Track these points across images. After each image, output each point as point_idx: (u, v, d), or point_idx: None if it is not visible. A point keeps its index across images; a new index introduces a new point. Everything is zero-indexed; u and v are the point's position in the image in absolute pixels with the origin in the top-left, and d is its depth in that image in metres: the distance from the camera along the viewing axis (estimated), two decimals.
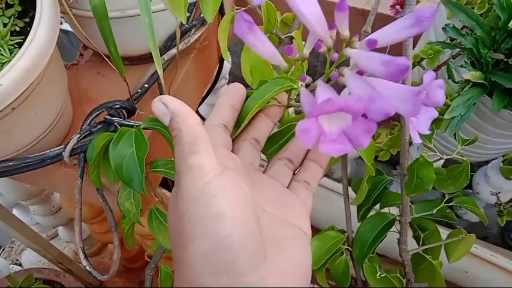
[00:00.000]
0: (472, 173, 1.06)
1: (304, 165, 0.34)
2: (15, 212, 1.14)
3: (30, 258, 1.26)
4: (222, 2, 0.64)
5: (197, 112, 1.03)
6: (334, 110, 0.24)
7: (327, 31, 0.27)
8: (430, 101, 0.26)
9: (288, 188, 0.33)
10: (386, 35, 0.26)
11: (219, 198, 0.25)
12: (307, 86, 0.31)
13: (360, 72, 0.27)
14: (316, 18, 0.27)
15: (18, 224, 0.86)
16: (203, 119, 1.19)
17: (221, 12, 0.63)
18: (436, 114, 0.27)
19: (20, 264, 1.28)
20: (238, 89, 0.34)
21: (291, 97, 0.34)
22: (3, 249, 1.33)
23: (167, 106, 0.27)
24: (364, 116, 0.24)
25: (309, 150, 0.34)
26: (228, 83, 1.22)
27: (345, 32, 0.27)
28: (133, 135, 0.48)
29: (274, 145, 0.37)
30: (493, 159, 0.88)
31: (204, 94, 0.87)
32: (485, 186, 0.98)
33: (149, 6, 0.41)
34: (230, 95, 0.33)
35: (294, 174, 0.34)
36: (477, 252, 0.91)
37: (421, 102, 0.25)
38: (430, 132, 0.26)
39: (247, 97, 0.34)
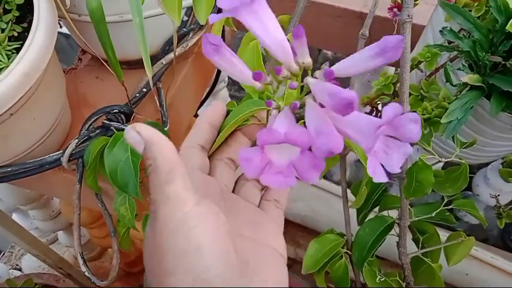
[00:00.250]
0: (471, 175, 1.06)
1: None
2: (14, 216, 1.14)
3: (30, 263, 1.25)
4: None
5: (196, 115, 1.03)
6: (276, 141, 0.23)
7: (289, 56, 0.26)
8: (402, 136, 0.24)
9: (259, 207, 0.33)
10: (348, 66, 0.25)
11: (198, 230, 0.24)
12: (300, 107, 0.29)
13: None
14: (275, 42, 0.26)
15: (17, 228, 0.86)
16: None
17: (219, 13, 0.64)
18: (411, 150, 0.25)
19: (20, 269, 1.28)
20: (218, 107, 0.34)
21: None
22: (3, 254, 1.33)
23: (141, 134, 0.26)
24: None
25: None
26: (228, 86, 1.22)
27: (306, 60, 0.26)
28: None
29: None
30: (492, 162, 0.88)
31: (203, 97, 0.88)
32: (485, 188, 0.97)
33: (140, 7, 0.41)
34: (209, 114, 0.34)
35: (262, 192, 0.35)
36: (477, 254, 0.90)
37: (377, 137, 0.23)
38: (400, 170, 0.25)
39: (227, 114, 0.34)
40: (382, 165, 0.25)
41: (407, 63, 0.40)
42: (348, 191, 0.55)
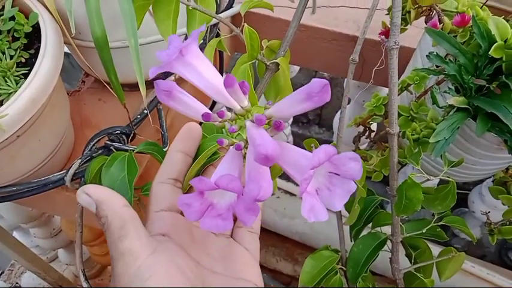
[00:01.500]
0: (467, 192, 1.08)
1: None
2: (15, 234, 1.15)
3: (30, 281, 1.26)
4: (211, 27, 0.67)
5: None
6: (208, 188, 0.24)
7: (229, 100, 0.26)
8: (344, 174, 0.25)
9: (232, 236, 0.33)
10: (282, 109, 0.26)
11: (151, 281, 0.24)
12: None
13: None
14: (212, 88, 0.27)
15: (18, 246, 0.87)
16: None
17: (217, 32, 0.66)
18: (354, 187, 0.25)
19: None
20: (190, 131, 0.33)
21: None
22: (3, 272, 1.33)
23: (90, 196, 0.27)
24: None
25: None
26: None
27: (244, 104, 0.26)
28: (125, 159, 0.50)
29: None
30: (486, 179, 0.89)
31: None
32: (481, 204, 0.99)
33: (135, 30, 0.43)
34: (181, 141, 0.33)
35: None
36: (474, 270, 0.91)
37: (309, 179, 0.23)
38: (342, 208, 0.24)
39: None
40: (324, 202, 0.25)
41: (395, 87, 0.42)
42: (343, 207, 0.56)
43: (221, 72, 0.71)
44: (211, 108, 0.89)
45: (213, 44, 0.49)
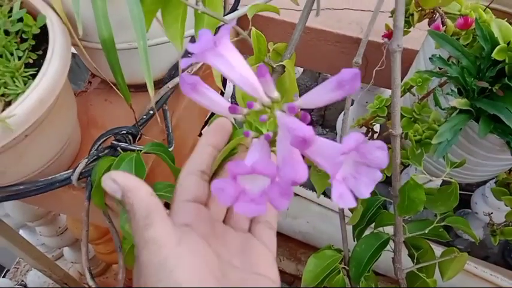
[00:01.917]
0: (470, 193, 1.08)
1: None
2: (22, 232, 1.16)
3: (35, 279, 1.27)
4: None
5: (201, 134, 1.06)
6: (244, 172, 0.24)
7: (259, 91, 0.27)
8: (370, 162, 0.25)
9: (250, 231, 0.33)
10: (312, 98, 0.26)
11: (177, 272, 0.25)
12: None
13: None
14: (243, 80, 0.27)
15: (24, 244, 0.88)
16: None
17: None
18: (380, 176, 0.25)
19: (25, 285, 1.29)
20: (220, 126, 0.33)
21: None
22: (9, 270, 1.35)
23: (116, 182, 0.27)
24: None
25: None
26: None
27: (274, 95, 0.27)
28: (133, 160, 0.51)
29: None
30: (488, 180, 0.90)
31: (207, 117, 0.90)
32: (483, 206, 0.99)
33: (144, 32, 0.44)
34: (211, 135, 0.33)
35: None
36: (477, 271, 0.91)
37: (340, 164, 0.23)
38: (370, 195, 0.25)
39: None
40: (351, 190, 0.25)
41: (398, 89, 0.42)
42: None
43: None
44: (213, 113, 0.89)
45: None
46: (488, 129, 0.45)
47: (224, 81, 0.85)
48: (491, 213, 0.60)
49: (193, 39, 0.62)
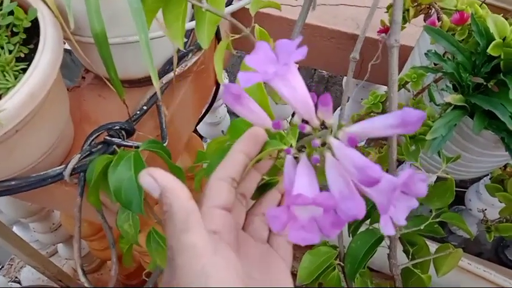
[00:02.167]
0: (464, 190, 1.08)
1: None
2: (15, 229, 1.15)
3: (29, 276, 1.26)
4: (218, 27, 0.67)
5: (195, 131, 1.05)
6: (304, 204, 0.24)
7: (312, 113, 0.27)
8: (411, 192, 0.26)
9: (268, 242, 0.33)
10: (368, 129, 0.26)
11: (213, 281, 0.25)
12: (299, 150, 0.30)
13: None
14: (300, 102, 0.27)
15: (18, 241, 0.87)
16: (201, 137, 1.21)
17: (217, 37, 0.66)
18: (416, 204, 0.26)
19: (19, 282, 1.29)
20: (256, 135, 0.32)
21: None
22: (3, 267, 1.34)
23: (156, 181, 0.26)
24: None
25: (280, 201, 0.35)
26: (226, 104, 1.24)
27: (330, 121, 0.27)
28: (132, 158, 0.50)
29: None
30: (484, 176, 0.90)
31: (202, 114, 0.90)
32: (478, 202, 1.00)
33: (145, 25, 0.43)
34: (246, 143, 0.32)
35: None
36: (470, 268, 0.92)
37: (395, 197, 0.24)
38: (405, 221, 0.26)
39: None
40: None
41: (395, 85, 0.42)
42: None
43: None
44: (207, 111, 0.89)
45: (223, 46, 0.49)
46: (483, 125, 0.45)
47: (216, 89, 0.84)
48: (485, 209, 0.60)
49: (188, 34, 0.62)
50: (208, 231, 0.29)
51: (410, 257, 0.53)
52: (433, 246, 0.55)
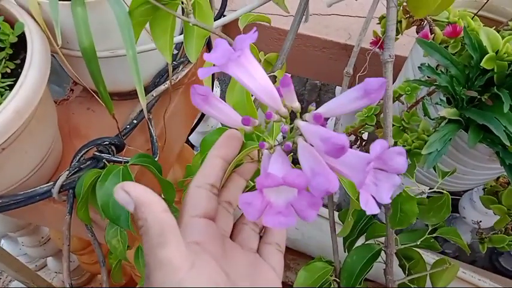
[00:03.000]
0: (458, 197, 1.08)
1: (269, 227, 0.33)
2: (3, 243, 1.13)
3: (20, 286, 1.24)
4: (209, 38, 0.66)
5: (188, 141, 1.04)
6: (274, 184, 0.24)
7: (278, 102, 0.27)
8: (390, 168, 0.25)
9: (258, 251, 0.32)
10: (335, 107, 0.26)
11: None
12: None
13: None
14: (263, 90, 0.27)
15: (5, 256, 0.85)
16: (193, 147, 1.20)
17: (209, 48, 0.66)
18: (398, 180, 0.26)
19: None
20: (230, 138, 0.32)
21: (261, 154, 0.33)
22: None
23: (130, 195, 0.25)
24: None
25: None
26: None
27: (294, 105, 0.27)
28: (120, 172, 0.49)
29: None
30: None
31: (193, 124, 0.89)
32: (471, 210, 0.99)
33: (133, 41, 0.43)
34: (221, 147, 0.32)
35: (260, 236, 0.34)
36: (465, 276, 0.91)
37: (368, 172, 0.24)
38: (390, 200, 0.25)
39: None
40: (373, 196, 0.26)
41: (390, 100, 0.41)
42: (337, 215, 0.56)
43: (213, 81, 0.70)
44: (199, 120, 0.88)
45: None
46: (477, 138, 0.45)
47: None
48: (480, 221, 0.60)
49: (179, 46, 0.61)
50: (190, 243, 0.28)
51: (406, 271, 0.53)
52: (428, 257, 0.54)
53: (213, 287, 0.25)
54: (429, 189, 0.49)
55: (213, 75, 0.72)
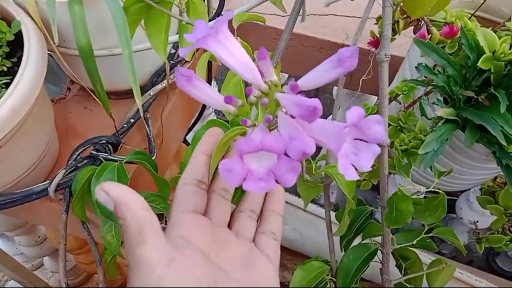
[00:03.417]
0: (455, 198, 1.08)
1: (265, 216, 0.34)
2: None
3: (16, 286, 1.23)
4: None
5: (185, 141, 1.04)
6: (253, 149, 0.24)
7: (257, 77, 0.28)
8: (369, 138, 0.26)
9: (254, 241, 0.32)
10: (312, 79, 0.27)
11: None
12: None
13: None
14: (242, 66, 0.28)
15: (1, 255, 0.85)
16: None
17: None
18: (378, 150, 0.26)
19: None
20: (213, 135, 0.33)
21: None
22: None
23: (109, 194, 0.26)
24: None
25: (265, 198, 0.34)
26: (215, 111, 1.23)
27: (273, 78, 0.28)
28: (115, 169, 0.49)
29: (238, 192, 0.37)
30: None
31: (191, 123, 0.89)
32: (468, 211, 0.99)
33: (129, 40, 0.43)
34: (204, 144, 0.33)
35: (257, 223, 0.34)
36: (462, 277, 0.92)
37: (345, 137, 0.24)
38: (371, 168, 0.26)
39: None
40: (354, 166, 0.26)
41: (386, 99, 0.41)
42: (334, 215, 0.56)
43: (209, 80, 0.70)
44: (197, 120, 0.88)
45: (205, 57, 0.49)
46: (474, 138, 0.45)
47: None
48: (477, 221, 0.60)
49: (176, 45, 0.61)
50: (175, 237, 0.28)
51: (403, 271, 0.53)
52: (425, 257, 0.54)
53: (190, 280, 0.25)
54: (426, 188, 0.49)
55: (210, 74, 0.72)
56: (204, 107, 0.87)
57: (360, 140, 0.26)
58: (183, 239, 0.28)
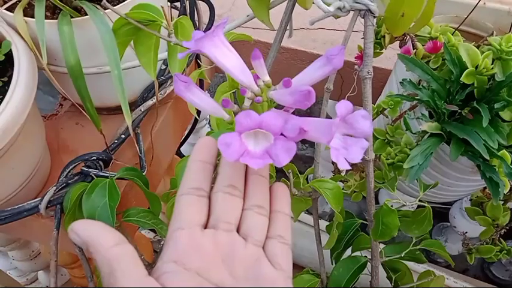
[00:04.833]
0: (448, 207, 1.09)
1: (272, 218, 0.31)
2: None
3: None
4: (197, 54, 0.67)
5: (179, 153, 1.04)
6: (253, 123, 0.26)
7: (250, 78, 0.29)
8: (357, 132, 0.27)
9: (263, 248, 0.30)
10: (304, 77, 0.29)
11: None
12: None
13: (286, 109, 0.29)
14: (236, 68, 0.30)
15: None
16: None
17: (198, 64, 0.66)
18: (366, 144, 0.28)
19: None
20: (204, 142, 0.32)
21: None
22: None
23: (78, 236, 0.26)
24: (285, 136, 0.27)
25: (271, 196, 0.32)
26: (209, 123, 1.24)
27: (266, 78, 0.29)
28: (106, 185, 0.49)
29: None
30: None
31: (184, 136, 0.89)
32: (461, 219, 1.00)
33: (118, 61, 0.44)
34: (198, 152, 0.31)
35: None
36: (457, 286, 0.92)
37: (334, 131, 0.26)
38: (361, 160, 0.28)
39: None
40: (345, 159, 0.28)
41: (370, 115, 0.42)
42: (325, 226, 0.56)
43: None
44: (190, 132, 0.88)
45: (195, 75, 0.49)
46: (459, 152, 0.46)
47: (198, 112, 0.84)
48: (466, 232, 0.60)
49: (166, 61, 0.62)
50: (166, 262, 0.27)
51: (393, 283, 0.53)
52: (418, 267, 0.55)
53: None
54: (414, 200, 0.50)
55: (202, 85, 0.73)
56: (196, 120, 0.88)
57: (349, 136, 0.28)
58: (174, 263, 0.27)
